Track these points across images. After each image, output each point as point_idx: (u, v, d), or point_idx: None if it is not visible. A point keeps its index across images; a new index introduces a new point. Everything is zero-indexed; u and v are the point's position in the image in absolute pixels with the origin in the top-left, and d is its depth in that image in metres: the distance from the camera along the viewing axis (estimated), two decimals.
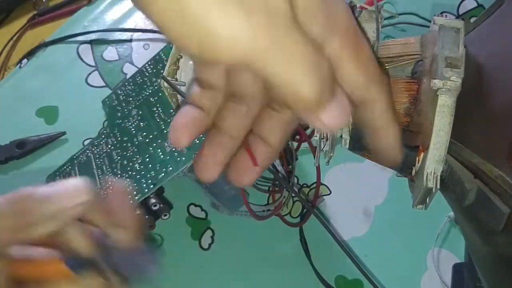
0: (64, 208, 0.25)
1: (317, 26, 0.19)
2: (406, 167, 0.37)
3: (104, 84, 0.65)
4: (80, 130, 0.61)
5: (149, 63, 0.60)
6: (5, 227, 0.24)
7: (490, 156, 0.32)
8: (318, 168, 0.50)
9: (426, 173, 0.33)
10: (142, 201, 0.49)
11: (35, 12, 0.71)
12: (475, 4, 0.66)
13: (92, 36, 0.67)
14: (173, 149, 0.50)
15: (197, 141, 0.49)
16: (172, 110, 0.53)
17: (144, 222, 0.51)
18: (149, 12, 0.18)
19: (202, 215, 0.56)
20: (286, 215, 0.55)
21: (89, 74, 0.66)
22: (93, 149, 0.58)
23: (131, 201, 0.26)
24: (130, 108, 0.58)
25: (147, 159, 0.51)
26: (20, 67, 0.66)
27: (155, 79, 0.58)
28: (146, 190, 0.49)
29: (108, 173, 0.54)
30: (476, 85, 0.34)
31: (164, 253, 0.54)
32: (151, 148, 0.52)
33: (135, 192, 0.49)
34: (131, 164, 0.52)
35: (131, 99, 0.58)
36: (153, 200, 0.50)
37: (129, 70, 0.66)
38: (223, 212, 0.55)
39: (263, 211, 0.54)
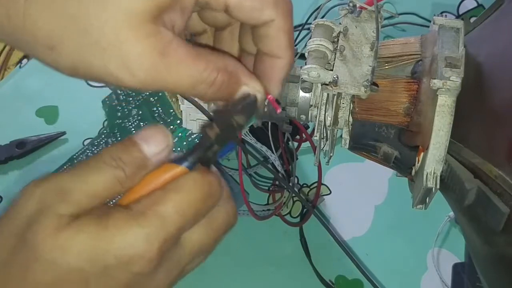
0: (153, 153, 0.26)
1: None
2: (406, 167, 0.37)
3: (104, 84, 0.65)
4: (80, 130, 0.61)
5: None
6: (116, 178, 0.25)
7: (490, 156, 0.32)
8: (319, 168, 0.50)
9: (426, 173, 0.33)
10: None
11: None
12: (475, 4, 0.66)
13: None
14: (173, 149, 0.50)
15: (197, 141, 0.49)
16: (172, 110, 0.53)
17: None
18: None
19: None
20: (286, 215, 0.55)
21: None
22: (93, 149, 0.58)
23: None
24: (130, 108, 0.58)
25: None
26: (20, 67, 0.66)
27: None
28: None
29: None
30: (476, 85, 0.34)
31: None
32: None
33: None
34: None
35: (131, 99, 0.58)
36: None
37: None
38: None
39: (263, 211, 0.54)
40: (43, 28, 0.23)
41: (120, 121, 0.58)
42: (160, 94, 0.56)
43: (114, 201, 0.25)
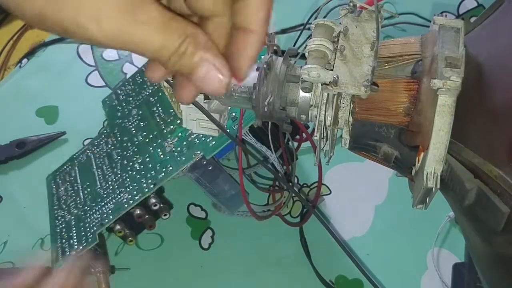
0: None
1: None
2: (406, 167, 0.37)
3: (104, 84, 0.65)
4: (80, 130, 0.61)
5: None
6: None
7: (490, 156, 0.32)
8: (319, 168, 0.50)
9: (426, 173, 0.33)
10: (142, 201, 0.49)
11: None
12: (475, 4, 0.66)
13: None
14: (173, 149, 0.50)
15: (197, 141, 0.49)
16: (172, 110, 0.53)
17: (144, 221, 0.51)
18: None
19: (202, 215, 0.56)
20: (286, 215, 0.55)
21: (89, 74, 0.66)
22: (93, 149, 0.58)
23: None
24: (130, 108, 0.58)
25: (147, 159, 0.51)
26: (20, 67, 0.66)
27: None
28: (146, 190, 0.49)
29: (108, 173, 0.54)
30: (476, 84, 0.34)
31: (164, 253, 0.54)
32: (151, 148, 0.52)
33: (135, 192, 0.49)
34: (131, 164, 0.52)
35: (131, 99, 0.58)
36: (153, 200, 0.50)
37: (129, 69, 0.66)
38: (224, 213, 0.55)
39: (263, 211, 0.54)
40: None
41: (120, 121, 0.57)
42: (160, 94, 0.56)
43: None
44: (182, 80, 0.28)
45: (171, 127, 0.52)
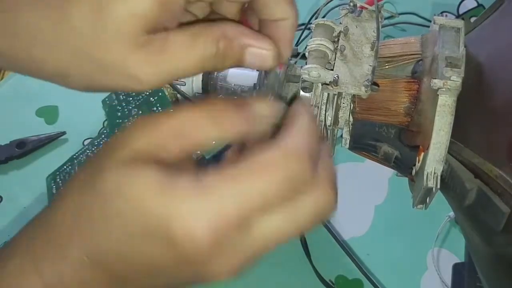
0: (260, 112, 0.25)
1: None
2: (407, 167, 0.37)
3: None
4: (80, 130, 0.61)
5: None
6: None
7: (490, 156, 0.32)
8: None
9: (426, 172, 0.33)
10: None
11: None
12: (475, 4, 0.66)
13: None
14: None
15: None
16: (172, 110, 0.53)
17: None
18: None
19: None
20: None
21: None
22: (93, 149, 0.58)
23: None
24: (130, 108, 0.58)
25: None
26: None
27: None
28: None
29: None
30: (476, 84, 0.34)
31: None
32: None
33: None
34: None
35: (131, 98, 0.58)
36: None
37: None
38: None
39: None
40: (50, 63, 0.25)
41: (120, 121, 0.57)
42: (160, 94, 0.56)
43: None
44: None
45: None
